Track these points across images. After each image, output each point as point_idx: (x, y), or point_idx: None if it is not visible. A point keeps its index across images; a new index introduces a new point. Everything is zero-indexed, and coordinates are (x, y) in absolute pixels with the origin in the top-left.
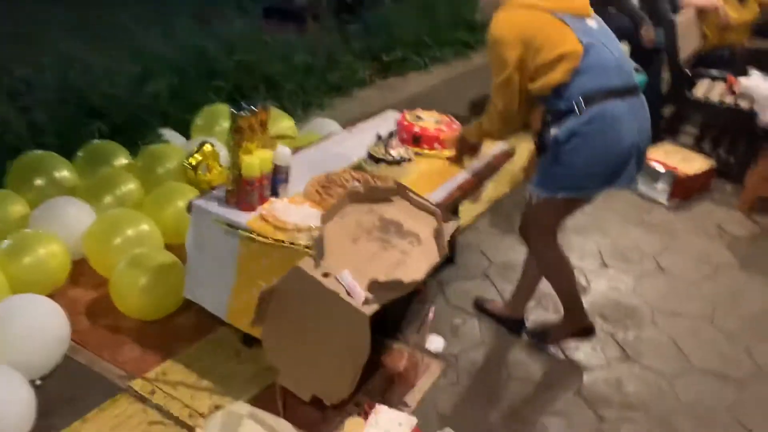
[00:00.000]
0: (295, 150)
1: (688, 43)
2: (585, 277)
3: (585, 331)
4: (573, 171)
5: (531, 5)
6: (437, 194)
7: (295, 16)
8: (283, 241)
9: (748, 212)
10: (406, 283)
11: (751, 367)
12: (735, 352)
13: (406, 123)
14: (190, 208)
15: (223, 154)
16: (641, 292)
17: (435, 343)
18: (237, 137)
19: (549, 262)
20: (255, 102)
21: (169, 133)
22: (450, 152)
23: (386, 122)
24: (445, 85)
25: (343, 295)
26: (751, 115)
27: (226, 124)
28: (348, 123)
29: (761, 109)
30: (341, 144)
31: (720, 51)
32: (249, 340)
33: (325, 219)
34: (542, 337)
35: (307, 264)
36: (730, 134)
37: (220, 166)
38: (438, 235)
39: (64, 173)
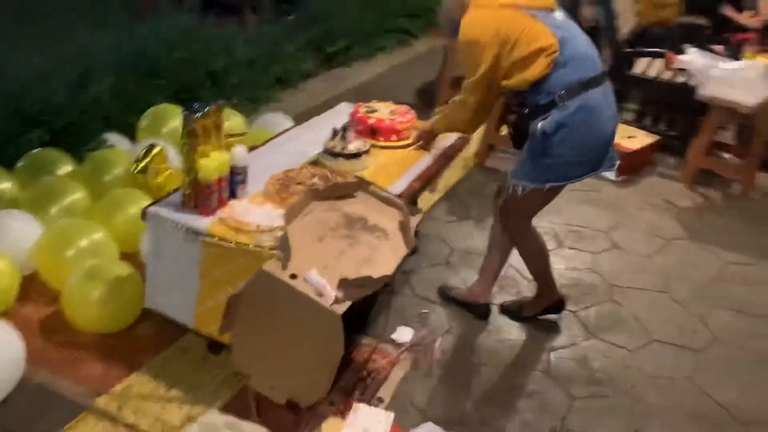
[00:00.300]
0: (250, 148)
1: (625, 22)
2: None
3: (557, 304)
4: (562, 161)
5: (501, 4)
6: (397, 186)
7: (232, 9)
8: (246, 245)
9: (692, 184)
10: (375, 278)
11: (706, 335)
12: (690, 321)
13: (360, 115)
14: (144, 215)
15: (172, 155)
16: (598, 269)
17: (404, 334)
18: (192, 140)
19: (529, 246)
20: (203, 101)
21: (113, 137)
22: (407, 141)
23: (340, 115)
24: (391, 73)
25: (313, 295)
26: (689, 90)
27: (173, 124)
28: (297, 116)
29: (699, 83)
30: (296, 140)
31: (655, 28)
32: (215, 347)
33: (288, 218)
34: (516, 314)
35: (273, 266)
36: (669, 109)
37: (170, 167)
38: (404, 228)
39: (5, 185)
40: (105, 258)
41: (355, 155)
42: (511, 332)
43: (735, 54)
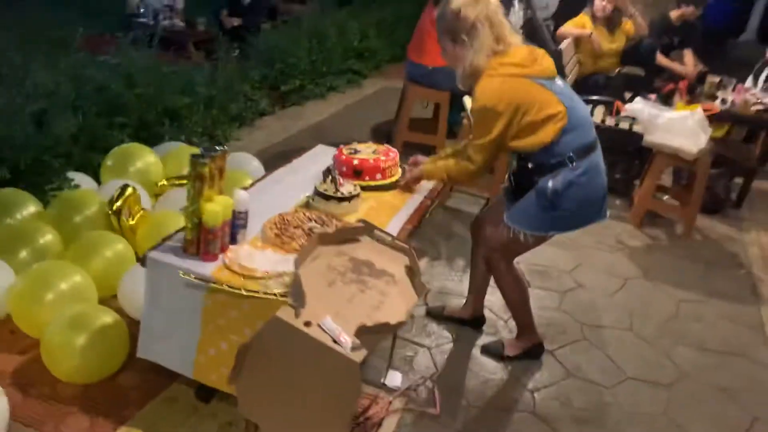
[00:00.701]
0: None
1: (569, 71)
2: None
3: (536, 347)
4: (569, 214)
5: (512, 73)
6: (390, 228)
7: (177, 45)
8: (256, 291)
9: (639, 225)
10: (392, 325)
11: (674, 371)
12: (658, 357)
13: (344, 157)
14: (144, 261)
15: (143, 196)
16: (567, 309)
17: (394, 379)
18: (198, 185)
19: (511, 283)
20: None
21: (78, 177)
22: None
23: (319, 157)
24: (344, 113)
25: (330, 343)
26: (630, 136)
27: (139, 164)
28: (257, 153)
29: (646, 131)
30: (283, 182)
31: (595, 77)
32: (204, 396)
33: (298, 264)
34: (496, 354)
35: (286, 313)
36: (611, 153)
37: (142, 209)
38: (411, 273)
39: None
40: (85, 303)
41: (347, 198)
42: (495, 372)
43: (666, 102)
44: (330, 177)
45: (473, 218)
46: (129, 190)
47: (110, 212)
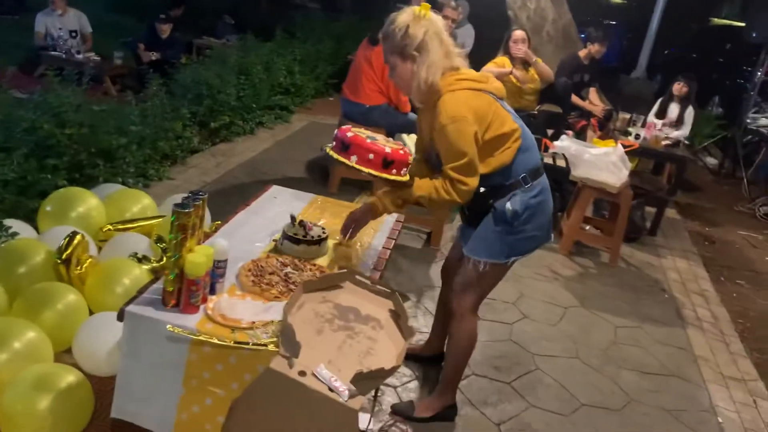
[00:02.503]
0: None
1: None
2: None
3: (451, 408)
4: (525, 237)
5: (474, 87)
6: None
7: (92, 78)
8: (246, 343)
9: (569, 255)
10: (387, 370)
11: (622, 396)
12: (606, 384)
13: (368, 141)
14: (122, 315)
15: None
16: (516, 339)
17: (362, 420)
18: (182, 236)
19: (467, 332)
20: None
21: (14, 224)
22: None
23: (279, 199)
24: (276, 148)
25: (327, 392)
26: (555, 170)
27: (81, 208)
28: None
29: (572, 166)
30: (247, 225)
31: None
32: None
33: (287, 313)
34: (407, 414)
35: (279, 364)
36: None
37: (90, 257)
38: (397, 317)
39: None
40: (42, 362)
41: (317, 241)
42: (462, 409)
43: (579, 138)
44: (298, 221)
45: (445, 260)
46: (78, 238)
47: (59, 261)
